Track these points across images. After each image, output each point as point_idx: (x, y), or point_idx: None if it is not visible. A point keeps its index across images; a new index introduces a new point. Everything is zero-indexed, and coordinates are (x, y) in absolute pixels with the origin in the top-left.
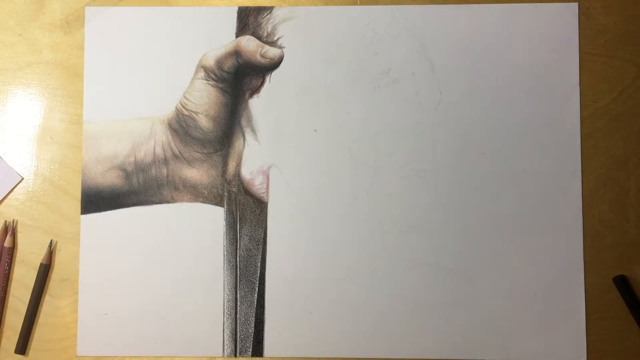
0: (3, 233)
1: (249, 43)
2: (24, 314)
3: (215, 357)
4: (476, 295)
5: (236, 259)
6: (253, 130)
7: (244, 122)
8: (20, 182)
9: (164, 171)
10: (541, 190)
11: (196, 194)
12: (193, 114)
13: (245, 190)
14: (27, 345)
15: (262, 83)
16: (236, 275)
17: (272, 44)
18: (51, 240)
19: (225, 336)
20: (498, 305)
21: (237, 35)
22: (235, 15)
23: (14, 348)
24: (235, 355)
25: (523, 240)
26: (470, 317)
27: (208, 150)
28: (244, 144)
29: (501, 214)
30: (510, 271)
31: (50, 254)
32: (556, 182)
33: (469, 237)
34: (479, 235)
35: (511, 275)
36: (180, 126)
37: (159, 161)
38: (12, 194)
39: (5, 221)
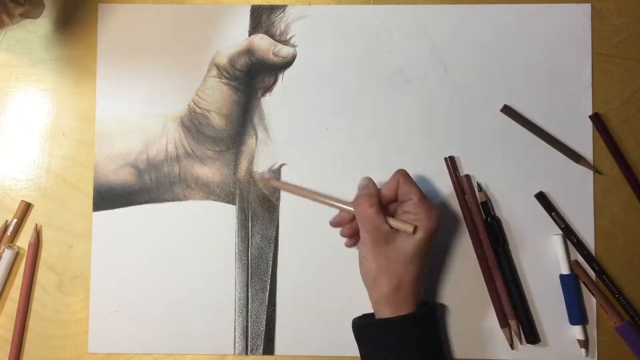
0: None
1: (261, 41)
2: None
3: (226, 355)
4: (484, 294)
5: (248, 257)
6: (265, 129)
7: (256, 120)
8: None
9: (176, 169)
10: (553, 191)
11: (208, 191)
12: (205, 112)
13: (257, 188)
14: None
15: (275, 81)
16: (248, 273)
17: (285, 42)
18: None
19: (237, 334)
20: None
21: (250, 34)
22: (248, 13)
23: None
24: (247, 353)
25: (535, 240)
26: (476, 316)
27: (220, 148)
28: (256, 142)
29: (513, 214)
30: (520, 271)
31: None
32: (568, 182)
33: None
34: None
35: (521, 275)
36: (193, 124)
37: (171, 159)
38: (24, 190)
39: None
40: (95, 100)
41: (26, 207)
